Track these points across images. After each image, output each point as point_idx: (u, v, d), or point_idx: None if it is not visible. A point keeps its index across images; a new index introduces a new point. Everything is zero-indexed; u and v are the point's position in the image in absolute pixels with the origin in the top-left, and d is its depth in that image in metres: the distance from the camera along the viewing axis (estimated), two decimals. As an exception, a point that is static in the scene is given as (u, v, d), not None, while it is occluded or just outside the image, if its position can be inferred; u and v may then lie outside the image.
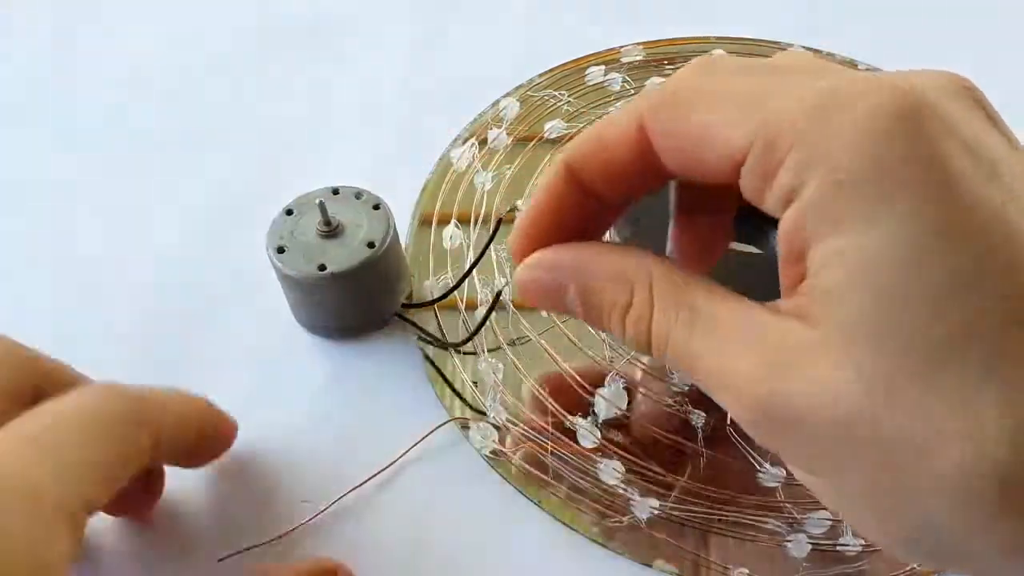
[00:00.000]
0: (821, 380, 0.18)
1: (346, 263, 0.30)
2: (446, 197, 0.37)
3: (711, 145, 0.19)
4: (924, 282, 0.17)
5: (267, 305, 0.33)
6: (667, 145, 0.20)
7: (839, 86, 0.18)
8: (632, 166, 0.21)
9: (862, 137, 0.17)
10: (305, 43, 0.45)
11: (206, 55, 0.45)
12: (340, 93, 0.43)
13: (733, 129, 0.19)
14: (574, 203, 0.22)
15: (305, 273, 0.30)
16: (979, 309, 0.17)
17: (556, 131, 0.39)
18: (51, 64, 0.45)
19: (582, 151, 0.21)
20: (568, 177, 0.22)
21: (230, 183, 0.39)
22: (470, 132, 0.39)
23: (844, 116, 0.18)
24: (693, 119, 0.19)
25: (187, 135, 0.41)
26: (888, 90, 0.18)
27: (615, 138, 0.21)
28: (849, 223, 0.17)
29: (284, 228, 0.31)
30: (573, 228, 0.22)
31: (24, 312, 0.35)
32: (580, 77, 0.41)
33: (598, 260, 0.22)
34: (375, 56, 0.44)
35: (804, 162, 0.18)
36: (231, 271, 0.35)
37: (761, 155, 0.18)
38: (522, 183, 0.37)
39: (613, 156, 0.21)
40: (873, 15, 0.46)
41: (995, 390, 0.16)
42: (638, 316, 0.21)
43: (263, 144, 0.40)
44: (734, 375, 0.19)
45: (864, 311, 0.17)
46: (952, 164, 0.17)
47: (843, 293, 0.18)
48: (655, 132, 0.20)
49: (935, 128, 0.18)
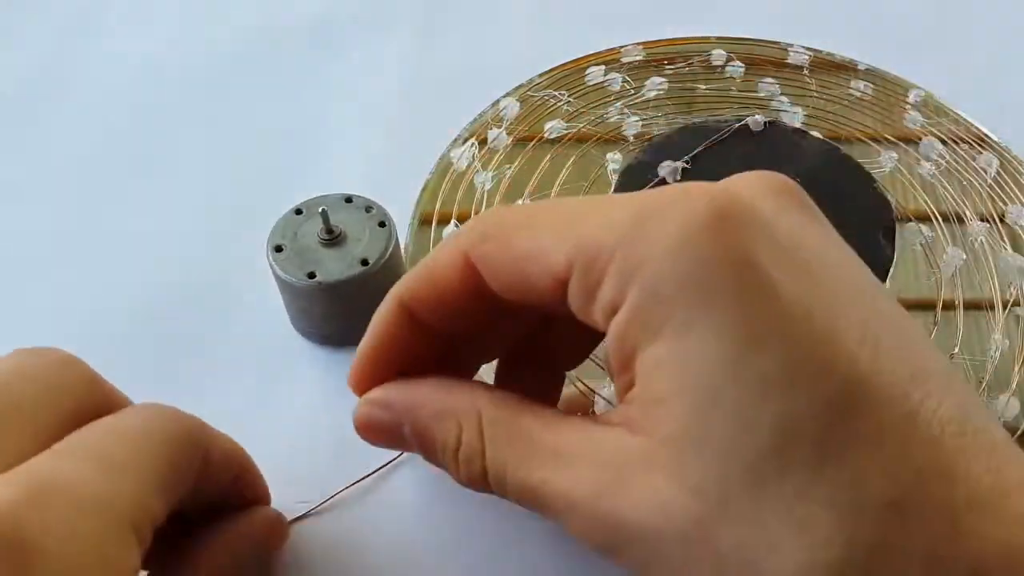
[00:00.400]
0: (653, 495, 0.18)
1: (336, 275, 0.29)
2: (446, 197, 0.37)
3: (535, 271, 0.19)
4: (739, 388, 0.17)
5: (267, 307, 0.33)
6: (494, 275, 0.20)
7: (653, 198, 0.19)
8: (463, 298, 0.21)
9: (676, 245, 0.18)
10: (305, 43, 0.45)
11: (206, 56, 0.45)
12: (341, 93, 0.43)
13: (553, 254, 0.19)
14: (409, 337, 0.22)
15: (294, 278, 0.29)
16: (796, 413, 0.17)
17: (556, 131, 0.39)
18: (53, 65, 0.45)
19: (412, 287, 0.22)
20: (400, 312, 0.22)
21: (230, 184, 0.39)
22: (470, 132, 0.39)
23: (658, 226, 0.18)
24: (515, 248, 0.20)
25: (186, 135, 0.41)
26: (701, 197, 0.18)
27: (443, 272, 0.21)
28: (668, 332, 0.18)
29: (288, 228, 0.31)
30: (417, 357, 0.23)
31: (23, 312, 0.35)
32: (580, 77, 0.41)
33: (428, 398, 0.22)
34: (375, 56, 0.44)
35: (623, 275, 0.18)
36: (230, 272, 0.35)
37: (583, 273, 0.19)
38: (522, 183, 0.37)
39: (443, 290, 0.21)
40: (873, 15, 0.46)
41: (822, 493, 0.16)
42: (469, 455, 0.21)
43: (263, 144, 0.40)
44: (574, 496, 0.19)
45: (687, 421, 0.17)
46: (764, 268, 0.17)
47: (665, 403, 0.18)
48: (481, 263, 0.20)
49: (748, 232, 0.18)
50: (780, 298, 0.17)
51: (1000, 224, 0.35)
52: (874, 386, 0.17)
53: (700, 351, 0.17)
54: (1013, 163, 0.37)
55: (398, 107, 0.42)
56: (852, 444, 0.17)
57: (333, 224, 0.30)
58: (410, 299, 0.22)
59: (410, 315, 0.22)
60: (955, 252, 0.34)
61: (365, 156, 0.39)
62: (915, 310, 0.33)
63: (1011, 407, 0.30)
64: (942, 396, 0.17)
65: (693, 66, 0.42)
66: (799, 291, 0.18)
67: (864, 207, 0.32)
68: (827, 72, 0.41)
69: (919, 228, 0.35)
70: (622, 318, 0.18)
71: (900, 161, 0.37)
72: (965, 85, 0.41)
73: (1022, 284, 0.33)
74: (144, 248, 0.36)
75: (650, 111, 0.40)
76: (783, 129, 0.35)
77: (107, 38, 0.46)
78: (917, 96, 0.40)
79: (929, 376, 0.18)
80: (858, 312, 0.18)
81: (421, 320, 0.22)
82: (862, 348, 0.17)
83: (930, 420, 0.17)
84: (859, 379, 0.17)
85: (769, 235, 0.18)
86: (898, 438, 0.17)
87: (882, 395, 0.17)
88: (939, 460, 0.17)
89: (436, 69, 0.44)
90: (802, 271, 0.18)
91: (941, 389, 0.17)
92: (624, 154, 0.37)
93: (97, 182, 0.39)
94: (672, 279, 0.17)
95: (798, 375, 0.17)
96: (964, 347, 0.31)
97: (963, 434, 0.17)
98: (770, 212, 0.19)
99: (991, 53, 0.44)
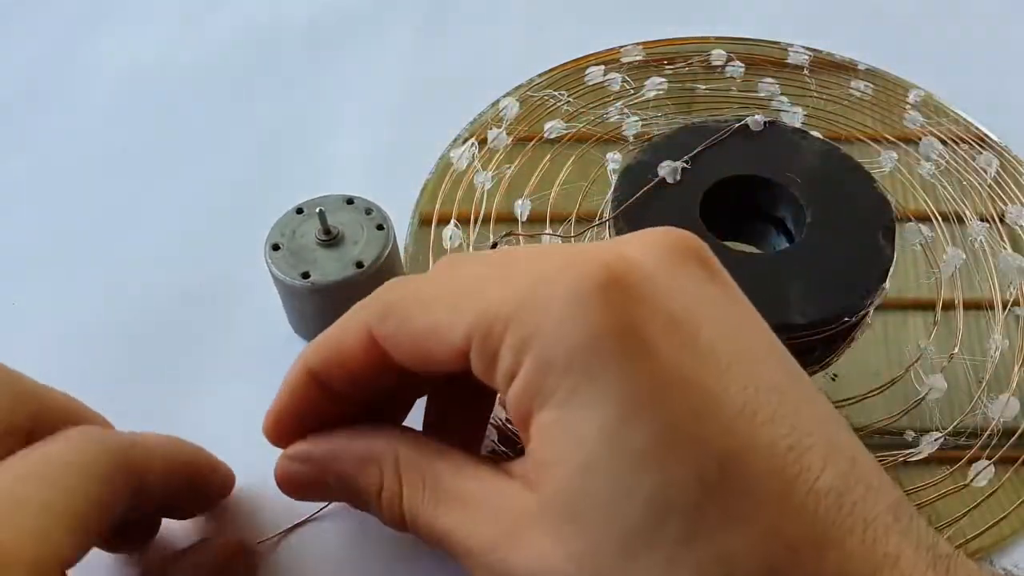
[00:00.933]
0: (539, 556, 0.18)
1: (329, 276, 0.29)
2: (446, 197, 0.37)
3: (435, 347, 0.20)
4: (616, 460, 0.17)
5: (268, 307, 0.33)
6: (396, 351, 0.21)
7: (550, 264, 0.19)
8: (368, 368, 0.22)
9: (564, 315, 0.18)
10: (306, 43, 0.45)
11: (206, 56, 0.45)
12: (340, 93, 0.43)
13: (452, 328, 0.19)
14: (319, 401, 0.23)
15: (288, 277, 0.29)
16: (669, 486, 0.17)
17: (556, 131, 0.39)
18: (53, 66, 0.45)
19: (320, 356, 0.22)
20: (309, 380, 0.23)
21: (228, 184, 0.39)
22: (470, 132, 0.39)
23: (550, 293, 0.18)
24: (415, 325, 0.20)
25: (186, 136, 0.41)
26: (593, 263, 0.18)
27: (349, 345, 0.22)
28: (558, 398, 0.18)
29: (288, 226, 0.30)
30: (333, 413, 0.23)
31: (24, 313, 0.34)
32: (580, 77, 0.41)
33: (349, 446, 0.23)
34: (375, 56, 0.44)
35: (518, 343, 0.18)
36: (230, 272, 0.35)
37: (481, 345, 0.19)
38: (522, 183, 0.37)
39: (349, 360, 0.22)
40: (873, 15, 0.46)
41: (692, 567, 0.17)
42: (389, 497, 0.22)
43: (262, 145, 0.40)
44: (471, 545, 0.20)
45: (568, 488, 0.18)
46: (649, 338, 0.18)
47: (551, 467, 0.18)
48: (383, 340, 0.21)
49: (636, 300, 0.18)
50: (661, 369, 0.17)
51: (1000, 224, 0.35)
52: (748, 460, 0.17)
53: (583, 420, 0.18)
54: (1013, 163, 0.37)
55: (398, 107, 0.42)
56: (724, 519, 0.17)
57: (331, 225, 0.30)
58: (319, 369, 0.22)
59: (320, 382, 0.23)
60: (955, 252, 0.34)
61: (365, 156, 0.39)
62: (915, 310, 0.33)
63: (1011, 407, 0.30)
64: (822, 467, 0.17)
65: (693, 66, 0.42)
66: (681, 361, 0.18)
67: (864, 207, 0.31)
68: (827, 72, 0.42)
69: (919, 228, 0.35)
70: (517, 386, 0.19)
71: (900, 161, 0.37)
72: (965, 85, 0.41)
73: (1022, 284, 0.33)
74: (144, 248, 0.36)
75: (650, 111, 0.40)
76: (783, 129, 0.35)
77: (107, 38, 0.46)
78: (917, 96, 0.40)
79: (809, 447, 0.17)
80: (741, 381, 0.18)
81: (327, 387, 0.23)
82: (738, 421, 0.17)
83: (806, 493, 0.17)
84: (733, 454, 0.17)
85: (658, 302, 0.18)
86: (771, 513, 0.17)
87: (757, 469, 0.17)
88: (812, 534, 0.17)
89: (436, 69, 0.44)
90: (688, 340, 0.18)
91: (821, 460, 0.17)
92: (624, 154, 0.37)
93: (97, 182, 0.39)
94: (561, 348, 0.18)
95: (671, 449, 0.17)
96: (964, 347, 0.31)
97: (840, 507, 0.17)
98: (664, 276, 0.19)
99: (991, 53, 0.44)
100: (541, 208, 0.36)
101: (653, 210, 0.32)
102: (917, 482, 0.28)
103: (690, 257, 0.20)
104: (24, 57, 0.46)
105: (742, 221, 0.34)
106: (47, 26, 0.47)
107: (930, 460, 0.29)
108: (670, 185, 0.32)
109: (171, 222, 0.37)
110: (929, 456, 0.29)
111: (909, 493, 0.28)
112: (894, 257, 0.30)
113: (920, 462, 0.29)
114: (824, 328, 0.29)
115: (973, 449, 0.29)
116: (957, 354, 0.31)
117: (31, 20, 0.48)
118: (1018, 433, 0.29)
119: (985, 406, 0.30)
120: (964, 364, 0.31)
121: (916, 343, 0.31)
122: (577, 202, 0.36)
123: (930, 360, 0.31)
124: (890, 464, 0.28)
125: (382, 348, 0.21)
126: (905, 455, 0.29)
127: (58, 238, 0.37)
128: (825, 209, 0.32)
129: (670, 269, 0.19)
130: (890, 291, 0.31)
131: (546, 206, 0.36)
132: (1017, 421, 0.29)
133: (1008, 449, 0.29)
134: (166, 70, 0.44)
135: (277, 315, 0.33)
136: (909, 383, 0.30)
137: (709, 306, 0.19)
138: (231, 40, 0.46)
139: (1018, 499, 0.28)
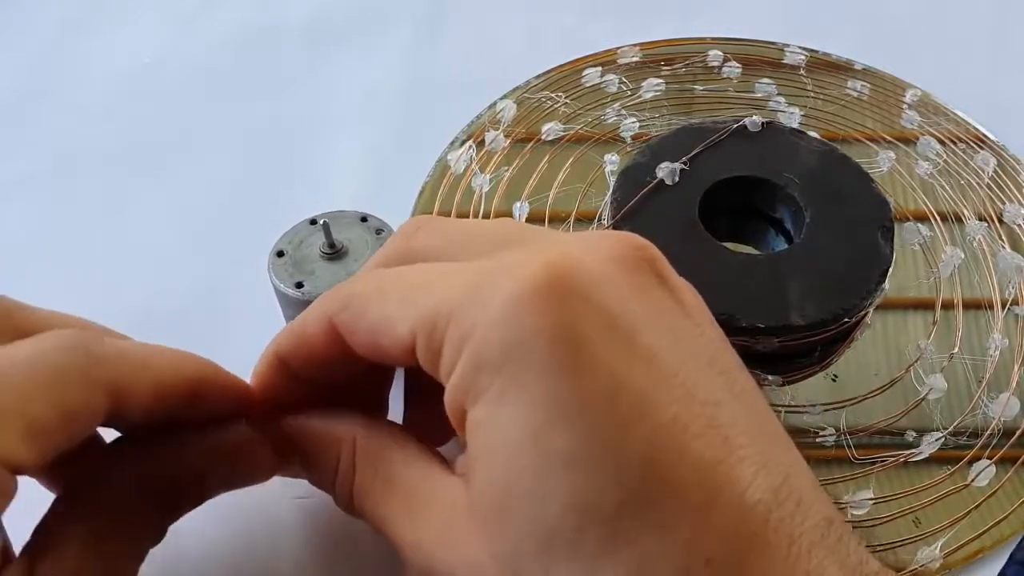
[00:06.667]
0: (468, 553, 0.18)
1: (322, 288, 0.29)
2: (444, 199, 0.37)
3: (385, 340, 0.20)
4: (539, 462, 0.17)
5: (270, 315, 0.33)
6: (353, 341, 0.21)
7: (496, 263, 0.19)
8: (331, 356, 0.22)
9: (502, 315, 0.18)
10: (302, 46, 0.45)
11: (205, 57, 0.45)
12: (337, 96, 0.43)
13: (400, 323, 0.20)
14: (289, 386, 0.23)
15: (283, 284, 0.30)
16: (591, 492, 0.17)
17: (553, 133, 0.39)
18: (53, 67, 0.45)
19: (287, 344, 0.23)
20: (279, 365, 0.23)
21: (226, 186, 0.38)
22: (467, 134, 0.39)
23: (491, 292, 0.18)
24: (368, 318, 0.21)
25: (185, 137, 0.41)
26: (537, 264, 0.18)
27: (312, 333, 0.22)
28: (489, 396, 0.18)
29: (297, 235, 0.31)
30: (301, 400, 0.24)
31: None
32: (577, 79, 0.41)
33: (310, 425, 0.23)
34: (372, 59, 0.44)
35: (458, 341, 0.18)
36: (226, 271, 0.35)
37: (426, 339, 0.19)
38: (520, 185, 0.37)
39: (313, 349, 0.22)
40: (869, 15, 0.46)
41: (608, 573, 0.17)
42: (342, 480, 0.22)
43: (259, 146, 0.40)
44: (409, 539, 0.20)
45: (494, 487, 0.18)
46: (585, 342, 0.18)
47: (479, 466, 0.18)
48: (342, 329, 0.21)
49: (575, 303, 0.18)
50: (593, 373, 0.17)
51: (998, 223, 0.35)
52: (672, 471, 0.17)
53: (510, 420, 0.18)
54: (1010, 162, 0.38)
55: (395, 110, 0.42)
56: (643, 528, 0.17)
57: (337, 239, 0.30)
58: (285, 355, 0.23)
59: (287, 368, 0.23)
60: (953, 251, 0.34)
61: (363, 158, 0.39)
62: (914, 310, 0.33)
63: (1011, 406, 0.30)
64: (751, 481, 0.17)
65: (690, 67, 0.42)
66: (615, 367, 0.17)
67: (862, 207, 0.31)
68: (824, 72, 0.42)
69: (917, 228, 0.35)
70: (453, 383, 0.19)
71: (898, 161, 0.37)
72: (962, 84, 0.41)
73: (1021, 282, 0.33)
74: (144, 251, 0.36)
75: (647, 112, 0.39)
76: (781, 129, 0.35)
77: (108, 38, 0.46)
78: (914, 96, 0.40)
79: (739, 460, 0.17)
80: (676, 392, 0.18)
81: (294, 372, 0.23)
82: (667, 430, 0.17)
83: (729, 507, 0.17)
84: (656, 463, 0.17)
85: (598, 304, 0.18)
86: (691, 524, 0.17)
87: (680, 480, 0.17)
88: (732, 548, 0.17)
89: (433, 72, 0.44)
90: (625, 345, 0.18)
91: (751, 475, 0.17)
92: (622, 155, 0.37)
93: (97, 183, 0.39)
94: (496, 348, 0.18)
95: (595, 455, 0.17)
96: (964, 347, 0.31)
97: (765, 522, 0.17)
98: (609, 280, 0.19)
99: (988, 52, 0.44)
100: (540, 210, 0.36)
101: (652, 211, 0.32)
102: (917, 482, 0.28)
103: (642, 265, 0.20)
104: (23, 58, 0.45)
105: (741, 222, 0.34)
106: (46, 27, 0.47)
107: (931, 460, 0.29)
108: (669, 186, 0.32)
109: (170, 225, 0.37)
110: (930, 456, 0.29)
111: (910, 493, 0.28)
112: (893, 257, 0.30)
113: (921, 462, 0.29)
114: (824, 328, 0.29)
115: (974, 449, 0.29)
116: (957, 354, 0.31)
117: (30, 22, 0.47)
118: (1018, 433, 0.29)
119: (985, 406, 0.30)
120: (964, 364, 0.31)
121: (916, 343, 0.31)
122: (575, 203, 0.36)
123: (930, 360, 0.31)
124: (891, 464, 0.28)
125: (342, 337, 0.21)
126: (906, 455, 0.29)
127: (58, 238, 0.37)
128: (824, 209, 0.31)
129: (617, 273, 0.19)
130: (889, 291, 0.31)
131: (544, 208, 0.36)
132: (1017, 421, 0.29)
133: (1008, 449, 0.29)
134: (166, 70, 0.44)
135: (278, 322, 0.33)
136: (909, 383, 0.30)
137: (654, 314, 0.19)
138: (228, 41, 0.45)
139: (1018, 499, 0.28)
